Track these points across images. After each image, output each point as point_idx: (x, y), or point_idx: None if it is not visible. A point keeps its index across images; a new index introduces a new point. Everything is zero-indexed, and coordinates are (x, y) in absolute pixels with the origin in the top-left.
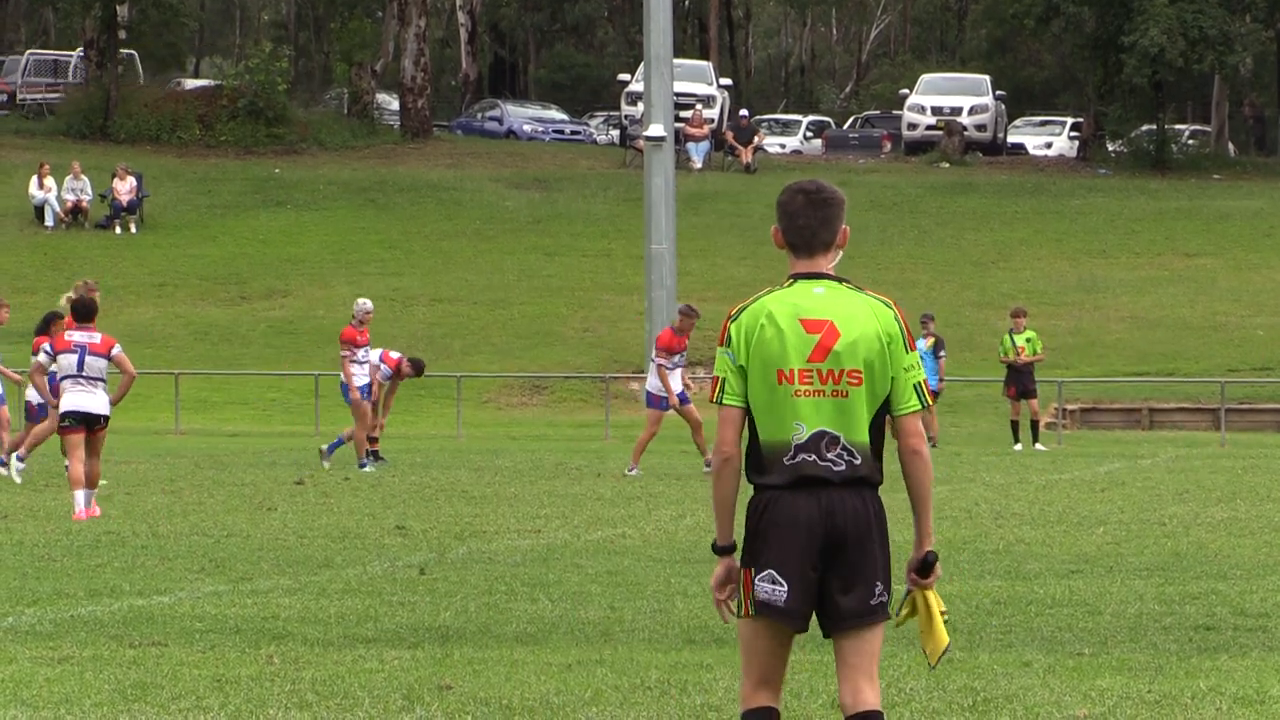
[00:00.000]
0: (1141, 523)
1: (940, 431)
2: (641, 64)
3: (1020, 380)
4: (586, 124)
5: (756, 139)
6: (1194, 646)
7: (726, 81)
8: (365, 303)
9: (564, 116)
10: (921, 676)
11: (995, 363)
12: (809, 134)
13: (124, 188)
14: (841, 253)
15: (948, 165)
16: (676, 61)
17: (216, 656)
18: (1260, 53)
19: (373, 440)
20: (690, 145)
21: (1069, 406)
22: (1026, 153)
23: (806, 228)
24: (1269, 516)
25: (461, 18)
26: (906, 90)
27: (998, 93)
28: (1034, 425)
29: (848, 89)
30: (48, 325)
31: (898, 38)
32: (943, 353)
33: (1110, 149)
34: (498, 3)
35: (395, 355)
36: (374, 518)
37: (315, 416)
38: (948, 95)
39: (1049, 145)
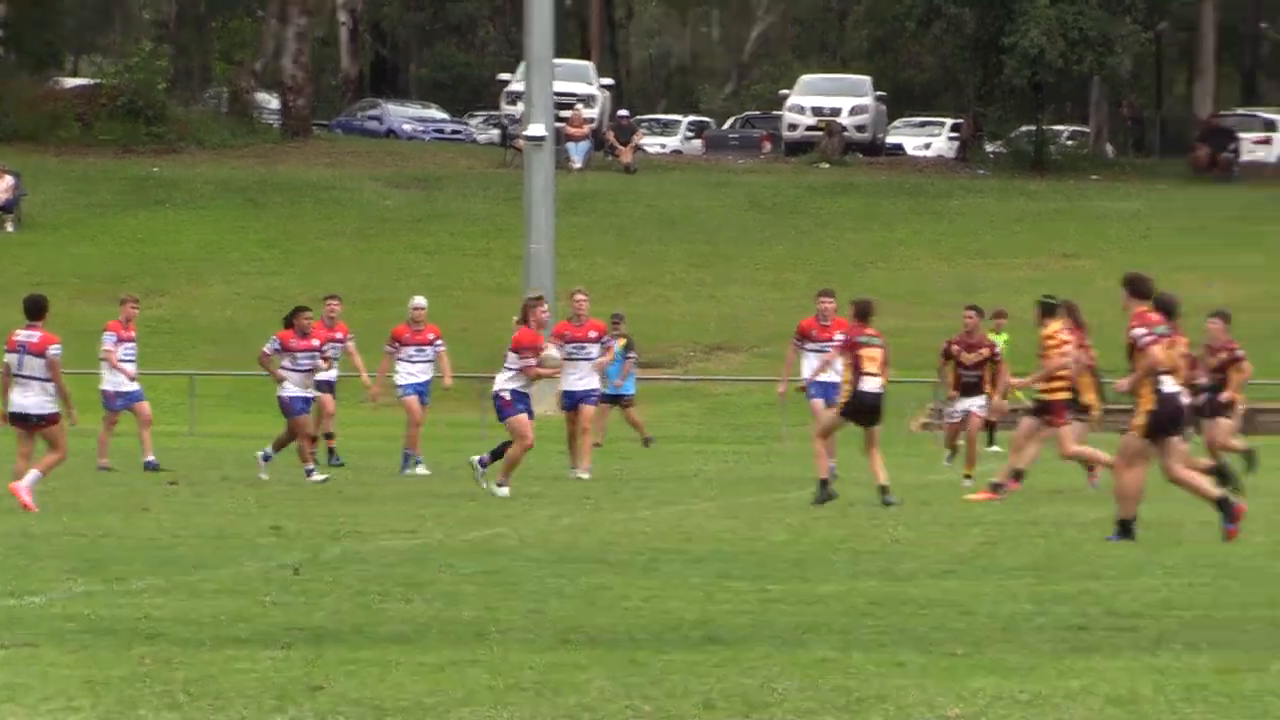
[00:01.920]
0: (1015, 523)
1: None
2: (522, 63)
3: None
4: (467, 123)
5: (636, 139)
6: (1067, 646)
7: (607, 81)
8: (418, 299)
9: (444, 116)
10: (794, 676)
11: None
12: (689, 134)
13: (1, 186)
14: None
15: (827, 166)
16: (557, 61)
17: (88, 657)
18: (1139, 54)
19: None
20: (570, 145)
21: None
22: (906, 153)
23: None
24: (1141, 516)
25: (342, 16)
26: (787, 90)
27: (878, 93)
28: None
29: (728, 89)
30: None
31: (779, 38)
32: (632, 353)
33: (989, 150)
34: (379, 2)
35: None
36: (248, 518)
37: (190, 416)
38: (828, 96)
39: (928, 146)
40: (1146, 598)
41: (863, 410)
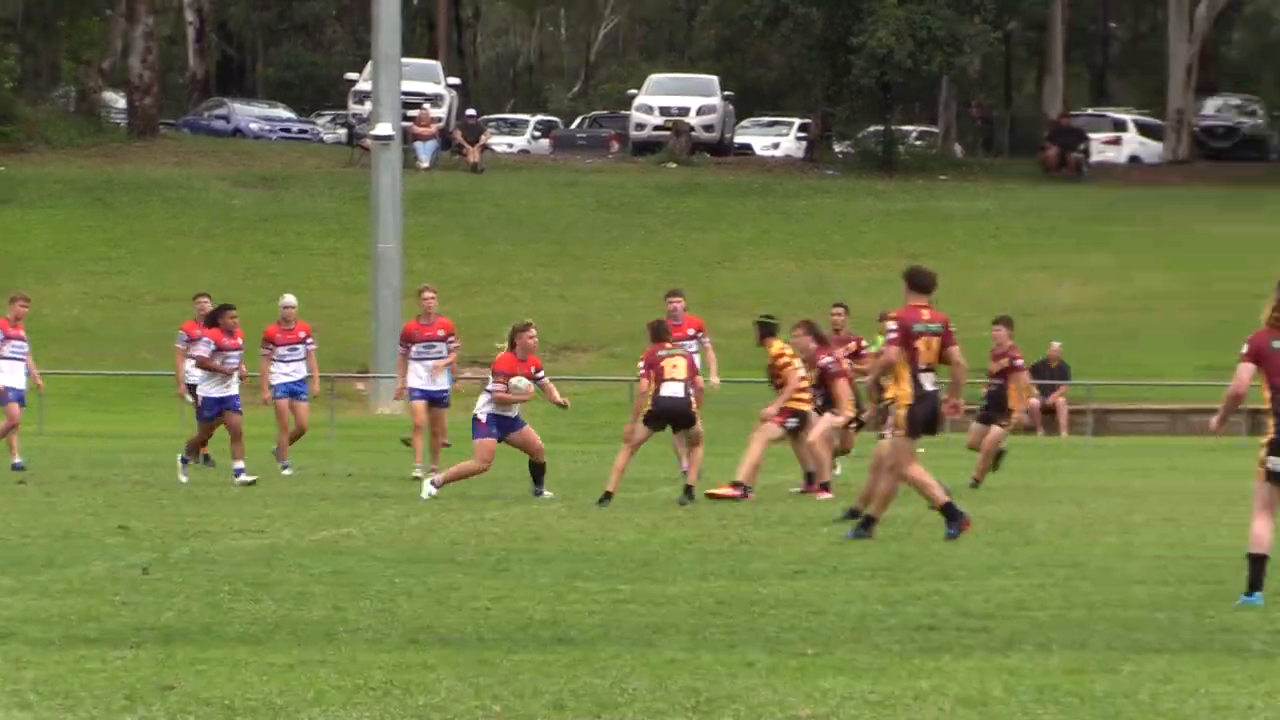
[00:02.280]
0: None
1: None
2: (369, 63)
3: None
4: (314, 123)
5: (484, 138)
6: (916, 647)
7: (454, 81)
8: (288, 298)
9: (291, 115)
10: (644, 676)
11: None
12: (536, 133)
13: None
14: None
15: (675, 165)
16: (404, 60)
17: None
18: (988, 54)
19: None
20: (417, 144)
21: None
22: (754, 153)
23: None
24: (991, 517)
25: (189, 16)
26: (634, 90)
27: (726, 93)
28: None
29: (576, 89)
30: None
31: (626, 37)
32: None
33: (837, 150)
34: (226, 1)
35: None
36: (97, 517)
37: (39, 415)
38: (675, 95)
39: (776, 146)
40: (998, 598)
41: (668, 416)
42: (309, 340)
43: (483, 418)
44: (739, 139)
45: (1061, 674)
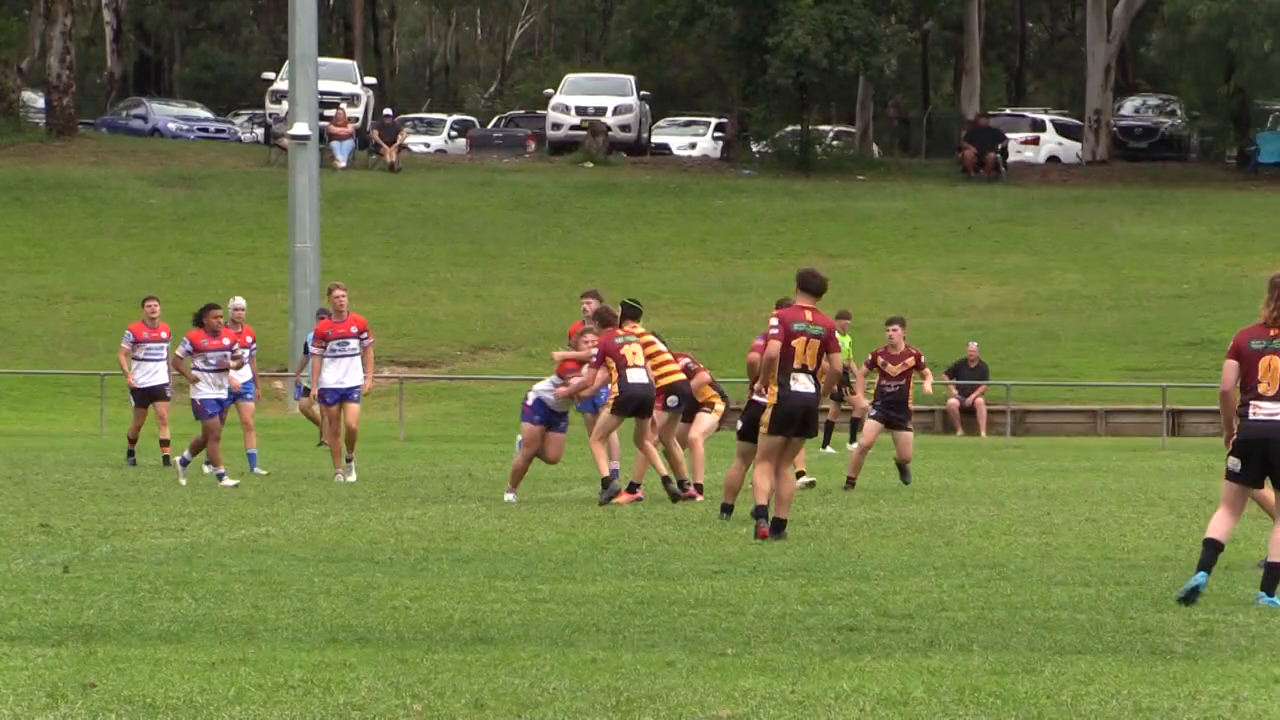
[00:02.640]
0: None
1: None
2: (286, 62)
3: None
4: (232, 122)
5: (401, 138)
6: (837, 647)
7: (371, 80)
8: (237, 300)
9: (209, 114)
10: (565, 676)
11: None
12: (453, 133)
13: None
14: None
15: (592, 165)
16: (321, 60)
17: None
18: (905, 54)
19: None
20: (335, 144)
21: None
22: (671, 153)
23: None
24: (911, 517)
25: (107, 16)
26: (551, 90)
27: (642, 93)
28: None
29: (492, 88)
30: None
31: (542, 37)
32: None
33: (754, 150)
34: (143, 1)
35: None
36: (17, 515)
37: None
38: (592, 95)
39: (693, 146)
40: (918, 599)
41: (635, 402)
42: (253, 345)
43: (530, 401)
44: (656, 139)
45: (983, 675)
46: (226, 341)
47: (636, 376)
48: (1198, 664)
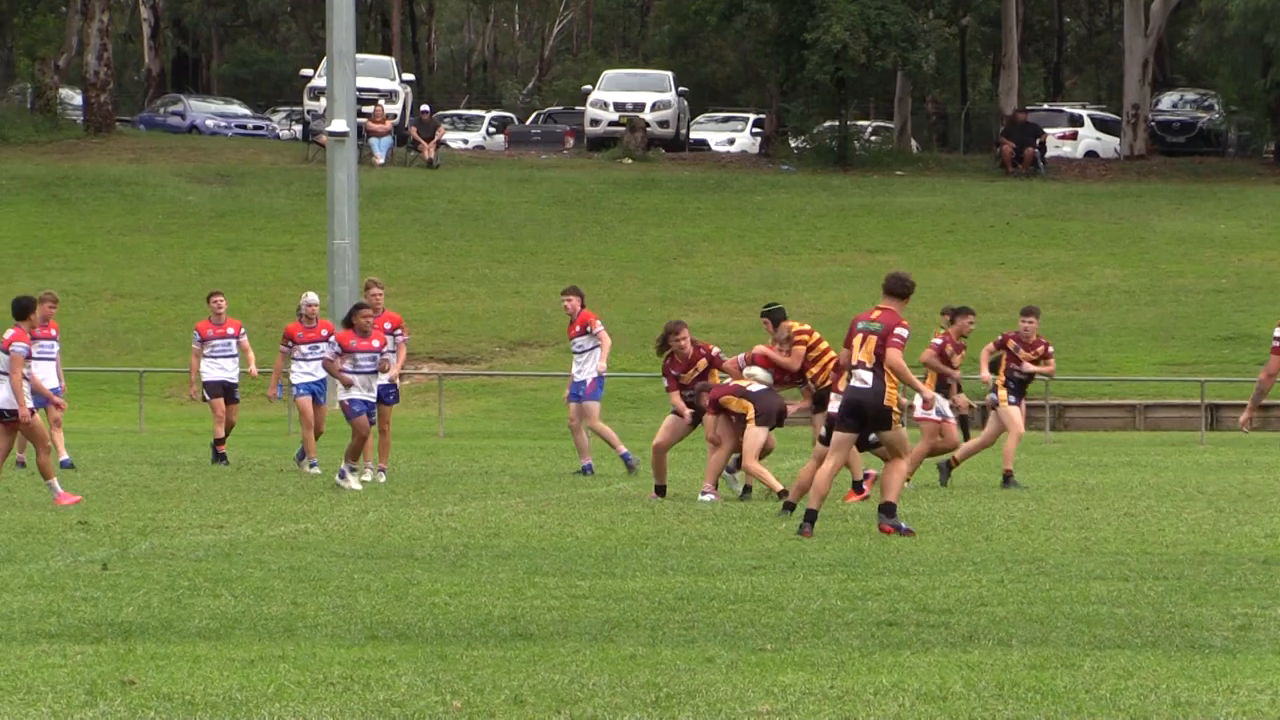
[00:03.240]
0: (823, 518)
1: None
2: (324, 59)
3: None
4: (269, 119)
5: (438, 134)
6: (876, 642)
7: (409, 77)
8: (309, 295)
9: (247, 111)
10: (604, 672)
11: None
12: (492, 130)
13: None
14: None
15: (630, 161)
16: (359, 57)
17: None
18: (943, 49)
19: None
20: (373, 140)
21: None
22: (709, 149)
23: None
24: (951, 513)
25: (144, 12)
26: (589, 86)
27: (680, 89)
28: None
29: (531, 85)
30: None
31: (580, 34)
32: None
33: (793, 145)
34: None
35: None
36: (56, 513)
37: None
38: (630, 91)
39: (732, 142)
40: (957, 594)
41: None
42: (330, 338)
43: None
44: (694, 135)
45: (1022, 669)
46: (376, 344)
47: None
48: (1236, 658)
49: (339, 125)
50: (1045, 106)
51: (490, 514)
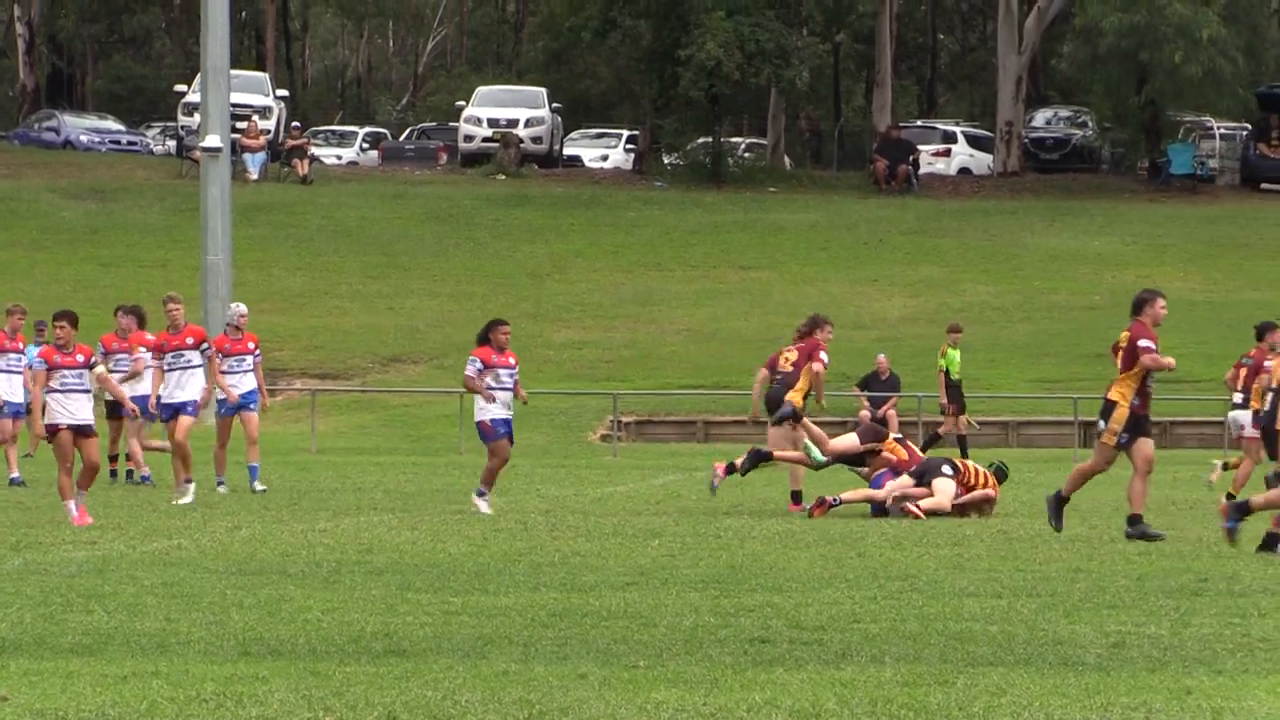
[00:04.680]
0: (697, 535)
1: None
2: (199, 75)
3: (960, 395)
4: (144, 135)
5: (305, 146)
6: (749, 659)
7: (283, 93)
8: (238, 306)
9: (121, 127)
10: (477, 688)
11: (555, 373)
12: (365, 146)
13: None
14: None
15: (504, 177)
16: (233, 73)
17: None
18: (817, 66)
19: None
20: (247, 156)
21: (624, 419)
22: (583, 165)
23: None
24: (824, 529)
25: (19, 28)
26: (463, 102)
27: (554, 105)
28: (963, 438)
29: (405, 101)
30: None
31: (454, 50)
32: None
33: (666, 162)
34: (55, 14)
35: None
36: None
37: None
38: (504, 108)
39: (605, 158)
40: (830, 611)
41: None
42: (257, 352)
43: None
44: (567, 151)
45: (895, 686)
46: (512, 361)
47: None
48: (1110, 675)
49: (213, 141)
50: (919, 123)
51: (363, 530)
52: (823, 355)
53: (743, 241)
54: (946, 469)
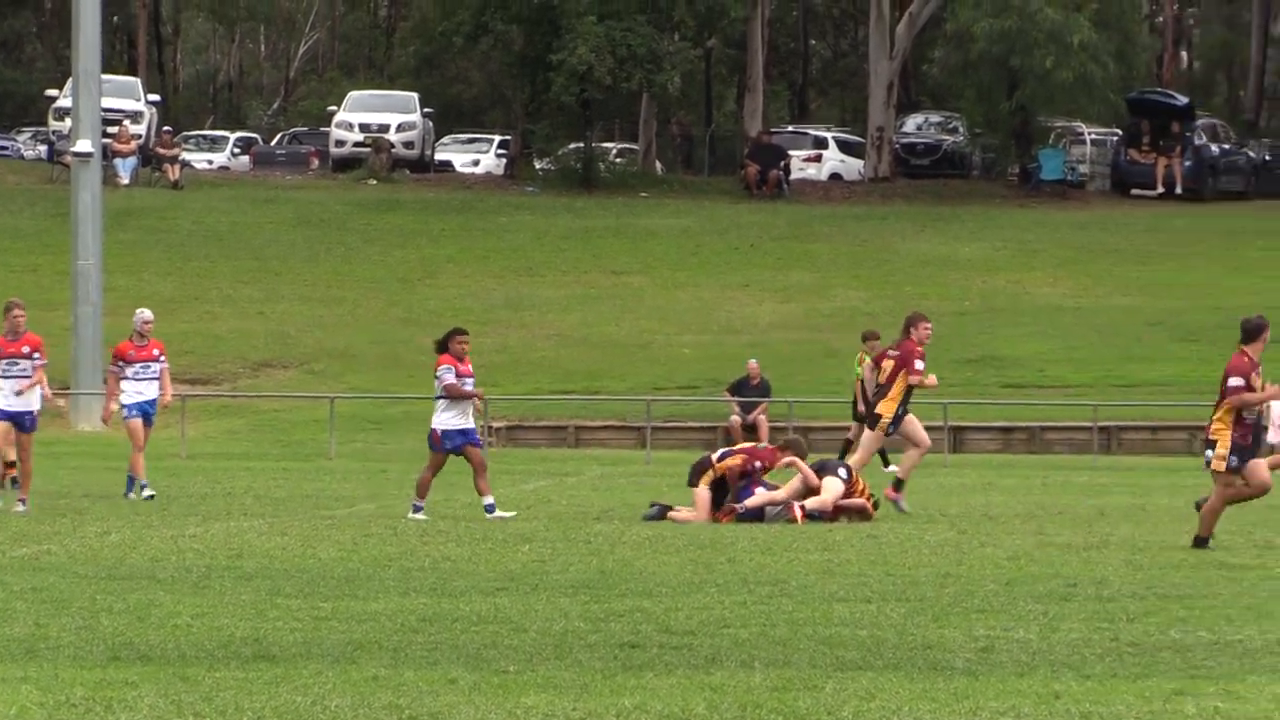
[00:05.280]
0: (567, 540)
1: (362, 450)
2: (70, 79)
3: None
4: (15, 139)
5: (172, 152)
6: (619, 664)
7: (155, 97)
8: (144, 313)
9: None
10: (346, 694)
11: (426, 378)
12: (236, 150)
13: None
14: None
15: (375, 182)
16: (104, 77)
17: None
18: (688, 71)
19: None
20: (118, 161)
21: (495, 424)
22: (454, 170)
23: None
24: (693, 534)
25: None
26: (334, 107)
27: (426, 110)
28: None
29: (276, 105)
30: None
31: (326, 54)
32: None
33: (538, 167)
34: None
35: None
36: None
37: None
38: (375, 112)
39: (476, 163)
40: (700, 616)
41: None
42: (162, 358)
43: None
44: (439, 156)
45: (765, 691)
46: (470, 369)
47: None
48: (978, 680)
49: (84, 146)
50: (790, 129)
51: (233, 535)
52: (918, 365)
53: (614, 246)
54: (842, 472)
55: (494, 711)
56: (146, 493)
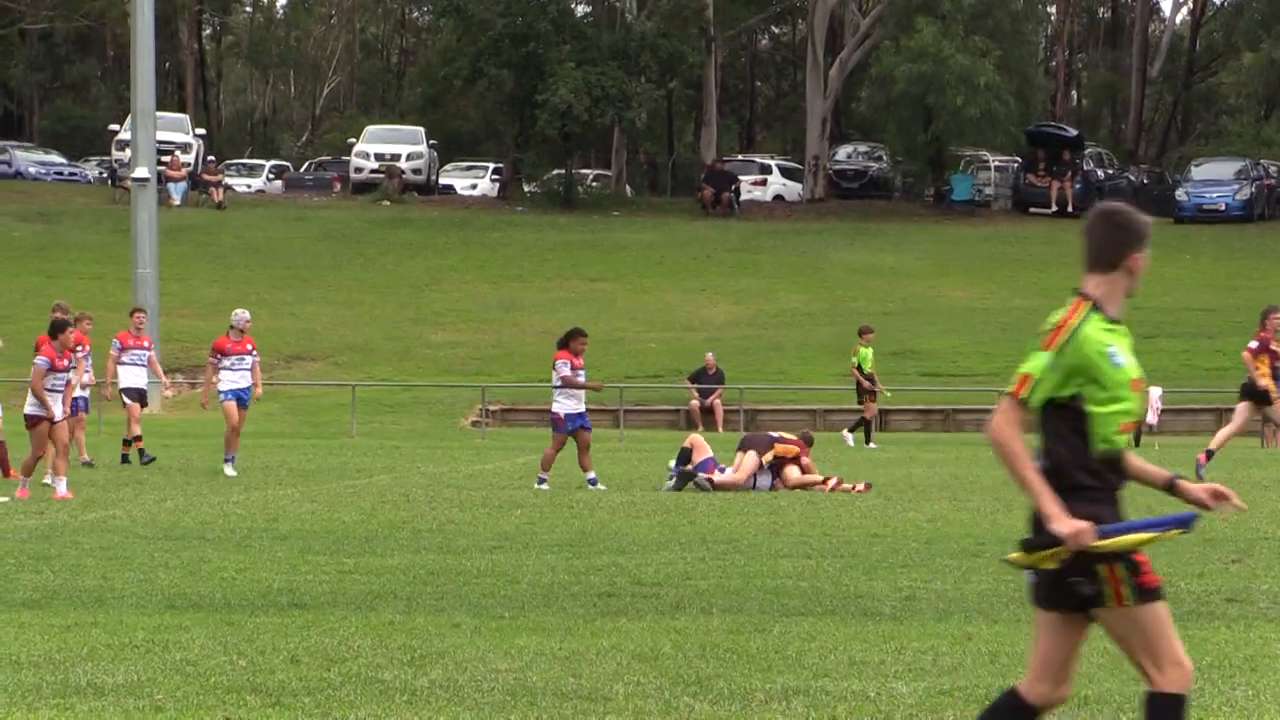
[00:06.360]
0: (553, 506)
1: (378, 429)
2: (129, 116)
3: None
4: (82, 167)
5: (218, 177)
6: (598, 611)
7: (201, 131)
8: (242, 313)
9: (64, 160)
10: (368, 636)
11: (432, 369)
12: (271, 176)
13: None
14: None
15: (388, 203)
16: (158, 114)
17: None
18: (653, 109)
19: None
20: (170, 185)
21: (491, 407)
22: (455, 193)
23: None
24: (660, 500)
25: None
26: (354, 139)
27: (431, 142)
28: (869, 422)
29: (304, 138)
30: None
31: (346, 94)
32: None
33: (526, 190)
34: (6, 63)
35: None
36: None
37: None
38: (389, 144)
39: (474, 186)
40: (666, 570)
41: None
42: (254, 352)
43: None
44: (442, 180)
45: (722, 633)
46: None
47: None
48: (903, 624)
49: (141, 172)
50: (740, 157)
51: (270, 502)
52: (1252, 345)
53: (590, 257)
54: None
55: (492, 651)
56: (229, 470)
